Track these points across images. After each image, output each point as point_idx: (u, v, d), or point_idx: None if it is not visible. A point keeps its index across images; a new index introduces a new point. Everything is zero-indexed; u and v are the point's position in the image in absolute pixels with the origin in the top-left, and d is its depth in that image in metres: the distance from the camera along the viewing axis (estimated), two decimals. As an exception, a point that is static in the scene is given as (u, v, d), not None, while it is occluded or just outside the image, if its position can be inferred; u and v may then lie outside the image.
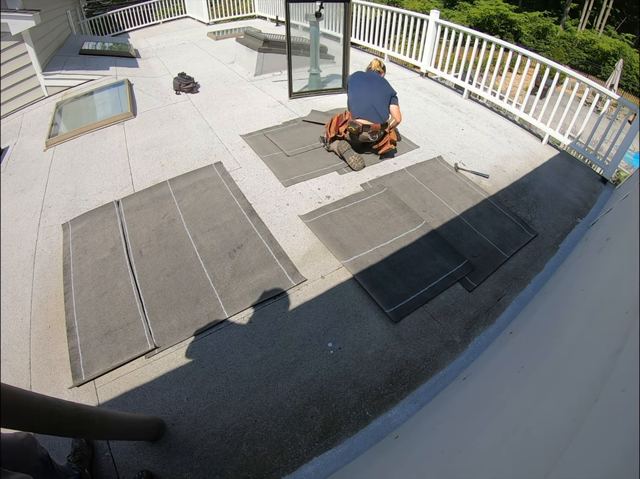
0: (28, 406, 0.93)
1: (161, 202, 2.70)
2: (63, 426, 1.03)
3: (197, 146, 3.39)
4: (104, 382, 1.69)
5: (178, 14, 9.70)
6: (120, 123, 3.89)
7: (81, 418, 1.08)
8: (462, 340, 1.88)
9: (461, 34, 4.30)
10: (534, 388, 0.99)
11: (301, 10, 5.25)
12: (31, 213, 2.75)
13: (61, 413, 1.01)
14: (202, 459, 1.44)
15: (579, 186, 3.12)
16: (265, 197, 2.74)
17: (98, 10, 10.52)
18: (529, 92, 4.05)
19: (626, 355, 0.71)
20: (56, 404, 1.03)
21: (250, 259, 2.23)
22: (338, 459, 1.45)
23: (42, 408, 0.97)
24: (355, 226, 2.45)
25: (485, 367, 1.58)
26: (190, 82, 4.57)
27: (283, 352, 1.79)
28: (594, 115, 3.56)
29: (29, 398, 0.95)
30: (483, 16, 19.27)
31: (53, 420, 0.99)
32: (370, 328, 1.89)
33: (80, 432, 1.14)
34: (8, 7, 4.18)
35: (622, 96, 5.48)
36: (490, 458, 0.80)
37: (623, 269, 1.23)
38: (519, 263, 2.33)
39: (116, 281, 2.12)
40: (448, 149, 3.40)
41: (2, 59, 4.25)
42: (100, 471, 1.41)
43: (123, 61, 5.70)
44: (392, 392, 1.66)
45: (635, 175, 2.63)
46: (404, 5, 18.28)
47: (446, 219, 2.57)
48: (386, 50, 5.47)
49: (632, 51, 18.29)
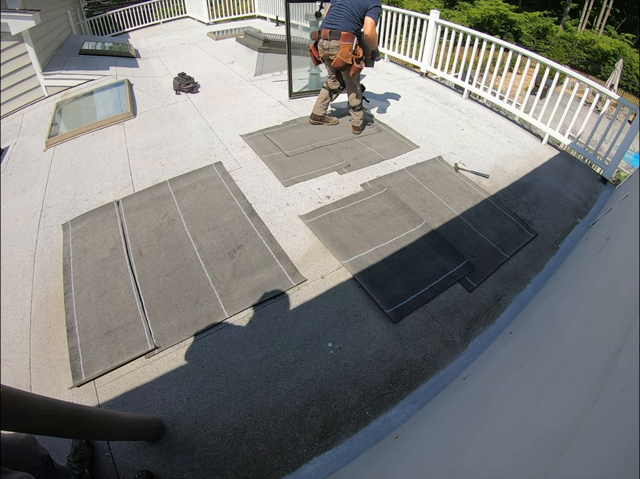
0: (29, 408, 0.92)
1: (161, 202, 2.70)
2: (63, 428, 1.03)
3: (197, 146, 3.39)
4: (104, 382, 1.69)
5: (178, 14, 9.71)
6: (120, 123, 3.89)
7: (81, 419, 1.08)
8: (462, 340, 1.88)
9: (461, 34, 4.30)
10: (534, 388, 0.99)
11: (301, 10, 5.24)
12: (31, 213, 2.75)
13: (62, 414, 1.01)
14: (202, 459, 1.44)
15: (579, 186, 3.12)
16: (265, 197, 2.74)
17: (98, 10, 10.52)
18: (529, 92, 4.05)
19: (626, 355, 0.71)
20: (56, 406, 1.02)
21: (250, 259, 2.23)
22: (338, 459, 1.45)
23: (43, 410, 0.96)
24: (355, 226, 2.45)
25: (485, 367, 1.58)
26: (190, 82, 4.57)
27: (283, 352, 1.79)
28: (594, 115, 3.56)
29: (29, 400, 0.94)
30: (483, 16, 19.28)
31: (54, 422, 0.99)
32: (370, 328, 1.89)
33: (80, 433, 1.14)
34: (8, 7, 4.18)
35: (622, 96, 5.48)
36: (490, 458, 0.80)
37: (623, 269, 1.23)
38: (519, 263, 2.33)
39: (116, 281, 2.12)
40: (448, 149, 3.40)
41: (3, 59, 4.25)
42: (100, 471, 1.41)
43: (123, 61, 5.69)
44: (392, 392, 1.66)
45: (635, 175, 2.63)
46: (404, 5, 18.29)
47: (446, 219, 2.57)
48: (386, 50, 5.47)
49: (632, 51, 18.30)
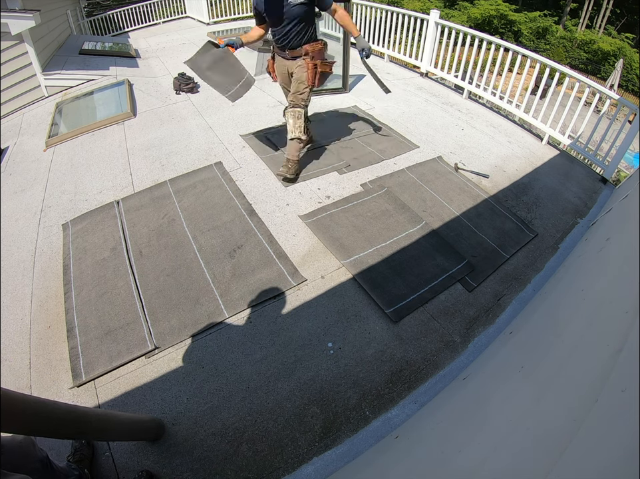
0: (26, 409, 0.92)
1: (161, 202, 2.70)
2: (61, 429, 1.03)
3: (197, 146, 3.39)
4: (104, 382, 1.69)
5: (178, 14, 9.69)
6: (120, 123, 3.89)
7: (79, 420, 1.08)
8: (462, 340, 1.88)
9: (461, 34, 4.30)
10: (534, 388, 0.99)
11: (301, 10, 5.24)
12: (31, 213, 2.75)
13: (58, 416, 1.01)
14: (202, 459, 1.44)
15: (579, 186, 3.12)
16: (265, 197, 2.74)
17: (98, 10, 10.51)
18: (529, 92, 4.05)
19: (626, 355, 0.71)
20: (53, 407, 1.02)
21: (250, 259, 2.23)
22: (338, 459, 1.45)
23: (40, 411, 0.96)
24: (355, 226, 2.45)
25: (485, 367, 1.58)
26: (190, 82, 4.57)
27: (283, 352, 1.79)
28: (594, 115, 3.55)
29: (26, 402, 0.94)
30: (483, 16, 19.28)
31: (51, 423, 0.99)
32: (370, 328, 1.89)
33: (78, 433, 1.14)
34: (8, 7, 4.18)
35: (622, 96, 5.48)
36: (490, 458, 0.80)
37: (623, 269, 1.23)
38: (519, 263, 2.33)
39: (116, 281, 2.12)
40: (448, 149, 3.40)
41: (3, 59, 4.25)
42: (100, 471, 1.40)
43: (123, 61, 5.69)
44: (392, 392, 1.66)
45: (635, 175, 2.63)
46: (404, 5, 18.28)
47: (446, 219, 2.57)
48: (386, 50, 5.47)
49: (632, 51, 18.29)
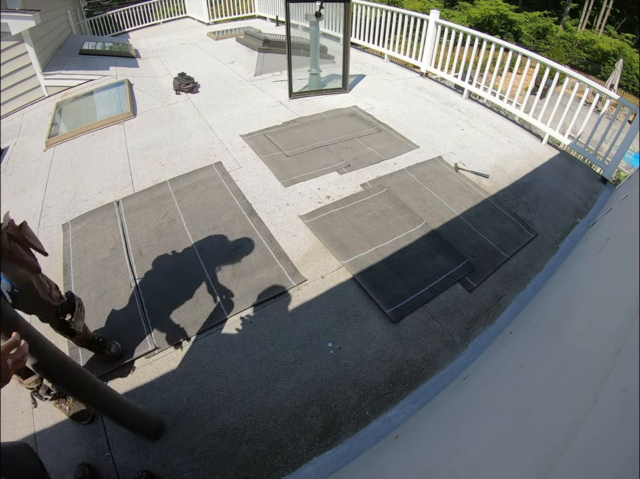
0: (54, 358, 1.16)
1: (161, 202, 2.70)
2: (78, 386, 1.21)
3: (197, 146, 3.39)
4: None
5: (178, 14, 9.70)
6: (120, 123, 3.89)
7: (78, 374, 1.21)
8: (462, 340, 1.88)
9: (461, 34, 4.30)
10: (534, 388, 0.99)
11: (301, 10, 5.25)
12: (31, 213, 2.75)
13: (61, 360, 1.18)
14: (202, 459, 1.44)
15: (579, 186, 3.12)
16: (265, 197, 2.74)
17: (98, 10, 10.51)
18: (529, 92, 4.05)
19: (626, 355, 0.71)
20: (58, 351, 1.19)
21: (250, 259, 2.23)
22: (338, 459, 1.45)
23: (47, 349, 1.16)
24: (355, 226, 2.45)
25: (485, 367, 1.58)
26: (190, 82, 4.57)
27: (283, 352, 1.79)
28: (594, 115, 3.55)
29: (37, 336, 1.16)
30: (483, 16, 19.28)
31: (71, 374, 1.19)
32: (370, 328, 1.89)
33: (92, 395, 1.26)
34: (8, 7, 4.17)
35: (622, 96, 5.48)
36: (490, 458, 0.80)
37: (623, 269, 1.23)
38: (519, 263, 2.33)
39: (116, 281, 2.12)
40: (448, 149, 3.40)
41: (3, 59, 4.25)
42: (100, 471, 1.40)
43: (123, 61, 5.69)
44: (392, 392, 1.66)
45: (635, 175, 2.63)
46: (404, 5, 18.28)
47: (446, 219, 2.57)
48: (386, 50, 5.47)
49: (632, 51, 18.29)
